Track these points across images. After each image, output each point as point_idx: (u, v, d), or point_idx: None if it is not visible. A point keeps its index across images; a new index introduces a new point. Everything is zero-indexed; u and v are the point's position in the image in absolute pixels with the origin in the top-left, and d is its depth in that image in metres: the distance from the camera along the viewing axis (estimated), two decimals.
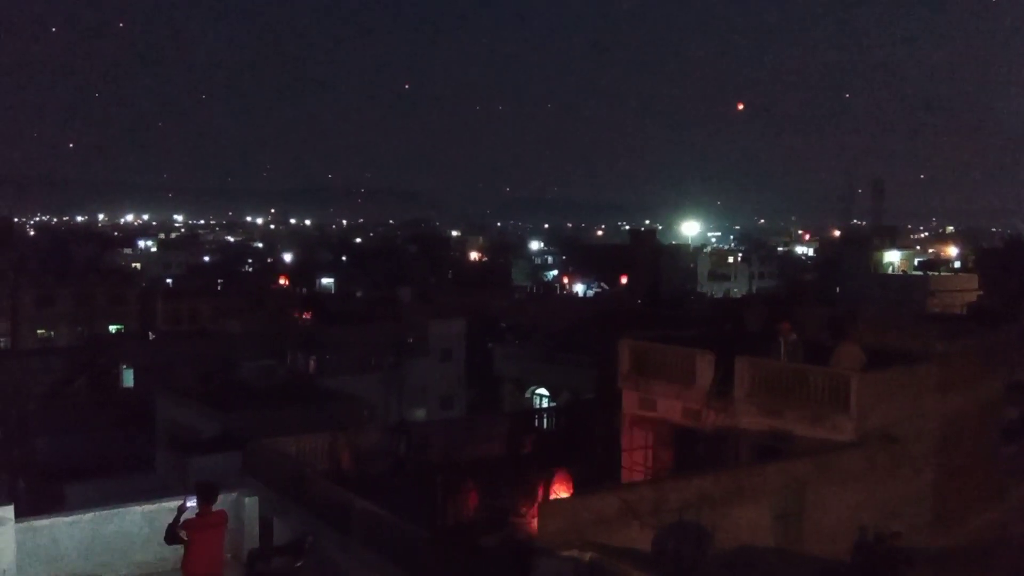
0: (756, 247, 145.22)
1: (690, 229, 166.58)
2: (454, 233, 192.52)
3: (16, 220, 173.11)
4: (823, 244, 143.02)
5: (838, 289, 78.56)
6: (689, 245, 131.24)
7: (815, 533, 14.97)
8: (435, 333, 48.84)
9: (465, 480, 16.96)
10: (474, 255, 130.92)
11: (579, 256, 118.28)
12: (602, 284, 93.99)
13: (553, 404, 37.83)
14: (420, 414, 42.92)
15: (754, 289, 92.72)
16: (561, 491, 16.11)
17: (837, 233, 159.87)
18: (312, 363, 45.41)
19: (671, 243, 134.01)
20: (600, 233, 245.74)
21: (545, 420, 24.49)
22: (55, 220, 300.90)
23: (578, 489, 15.68)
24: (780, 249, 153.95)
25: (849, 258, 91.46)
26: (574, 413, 24.37)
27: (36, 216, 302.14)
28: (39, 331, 60.66)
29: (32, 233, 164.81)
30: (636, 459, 19.44)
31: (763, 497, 14.49)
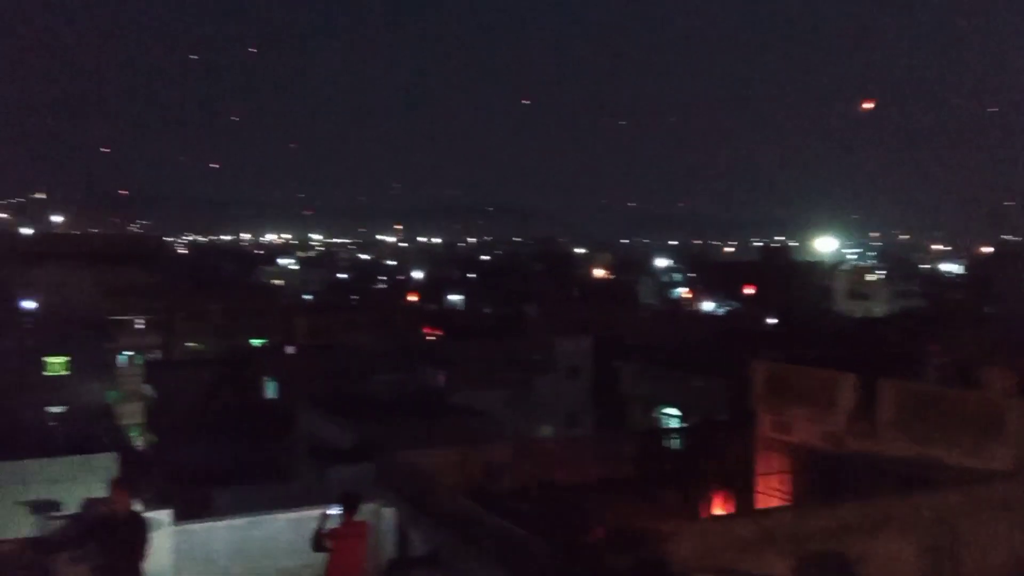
0: (897, 264, 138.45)
1: (825, 245, 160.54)
2: (579, 250, 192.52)
3: (167, 239, 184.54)
4: (973, 261, 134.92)
5: (989, 309, 73.88)
6: (824, 262, 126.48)
7: (966, 568, 14.09)
8: (561, 350, 48.92)
9: (594, 499, 16.89)
10: (600, 272, 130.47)
11: (708, 273, 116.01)
12: (732, 302, 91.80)
13: (683, 424, 37.15)
14: (546, 431, 43.01)
15: (896, 309, 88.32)
16: (730, 508, 15.78)
17: (986, 249, 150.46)
18: (441, 378, 46.32)
19: (805, 260, 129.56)
20: (730, 250, 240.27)
21: (674, 440, 24.09)
22: (203, 239, 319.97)
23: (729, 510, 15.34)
24: (923, 266, 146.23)
25: (1002, 276, 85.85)
26: (705, 434, 23.87)
27: (186, 235, 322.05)
28: (189, 344, 64.45)
29: (182, 251, 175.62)
30: (771, 484, 18.85)
31: (911, 529, 13.76)
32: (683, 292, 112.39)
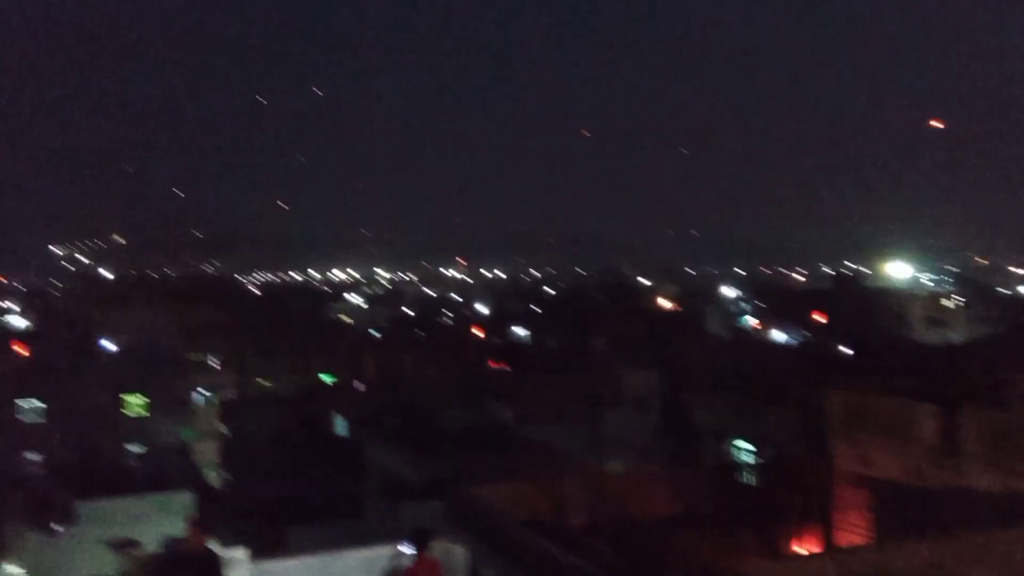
0: (976, 289, 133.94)
1: (899, 271, 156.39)
2: (644, 280, 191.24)
3: (240, 278, 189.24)
4: None
5: None
6: (899, 288, 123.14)
7: None
8: (629, 383, 48.42)
9: (668, 537, 16.59)
10: (666, 302, 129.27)
11: (777, 302, 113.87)
12: (804, 332, 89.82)
13: (757, 458, 36.32)
14: (616, 466, 42.48)
15: (976, 336, 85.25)
16: (809, 546, 15.37)
17: None
18: (508, 412, 46.23)
19: (879, 287, 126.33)
20: (800, 278, 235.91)
21: (748, 475, 23.57)
22: (274, 277, 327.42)
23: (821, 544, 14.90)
24: (1003, 291, 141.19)
25: None
26: (780, 468, 23.30)
27: (257, 274, 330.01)
28: (263, 381, 65.76)
29: (254, 290, 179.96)
30: (851, 519, 18.27)
31: (1004, 567, 13.15)
32: (752, 322, 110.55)
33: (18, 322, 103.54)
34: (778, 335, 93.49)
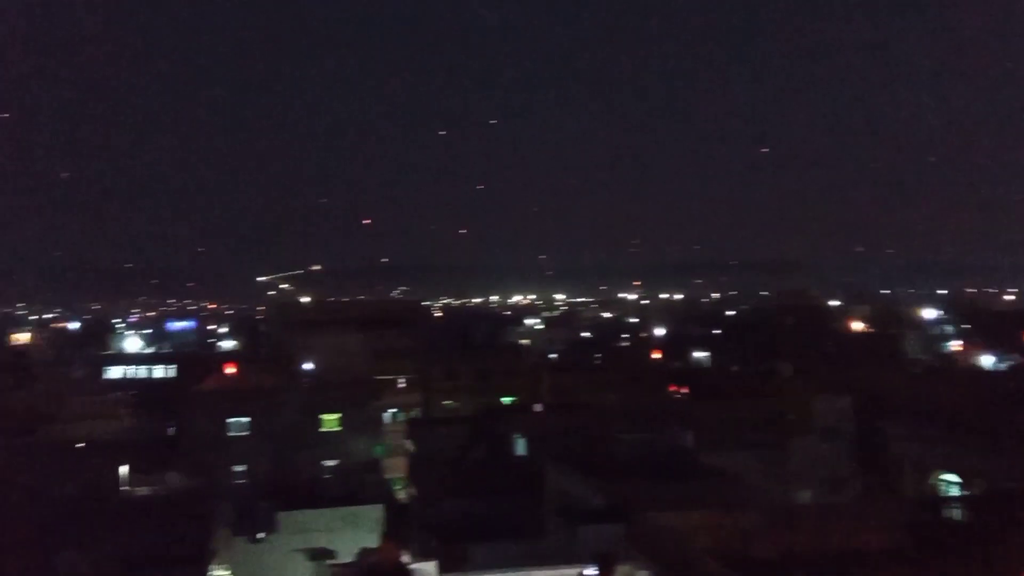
0: None
1: None
2: (834, 303, 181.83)
3: (425, 303, 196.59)
4: None
5: None
6: None
7: None
8: (819, 410, 46.12)
9: (861, 571, 15.57)
10: (858, 326, 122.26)
11: (985, 324, 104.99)
12: (1014, 355, 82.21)
13: (965, 492, 33.47)
14: (804, 497, 40.44)
15: None
16: None
17: None
18: (688, 438, 45.13)
19: None
20: (1009, 297, 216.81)
21: (955, 510, 21.75)
22: (456, 302, 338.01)
23: None
24: None
25: None
26: (995, 504, 21.34)
27: (441, 299, 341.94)
28: (446, 401, 67.77)
29: (438, 314, 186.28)
30: None
31: None
32: (955, 346, 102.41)
33: (227, 345, 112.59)
34: (985, 360, 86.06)
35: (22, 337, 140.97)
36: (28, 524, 33.27)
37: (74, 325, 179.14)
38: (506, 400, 65.83)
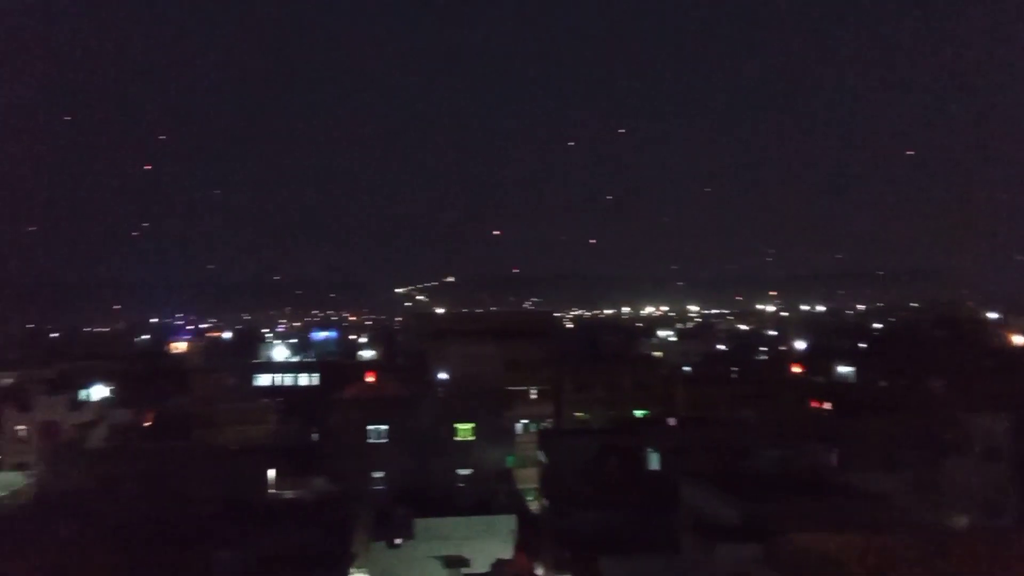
0: None
1: None
2: (992, 315, 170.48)
3: (556, 314, 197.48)
4: None
5: None
6: None
7: None
8: (976, 429, 43.19)
9: None
10: (1020, 339, 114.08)
11: None
12: None
13: None
14: (960, 521, 37.99)
15: None
16: None
17: None
18: (832, 456, 43.35)
19: None
20: None
21: None
22: (587, 313, 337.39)
23: None
24: None
25: None
26: None
27: (572, 310, 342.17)
28: (577, 413, 67.71)
29: (569, 325, 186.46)
30: None
31: None
32: None
33: (367, 354, 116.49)
34: None
35: (180, 346, 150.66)
36: (184, 524, 35.44)
37: (227, 334, 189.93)
38: (639, 413, 65.10)
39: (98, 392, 69.97)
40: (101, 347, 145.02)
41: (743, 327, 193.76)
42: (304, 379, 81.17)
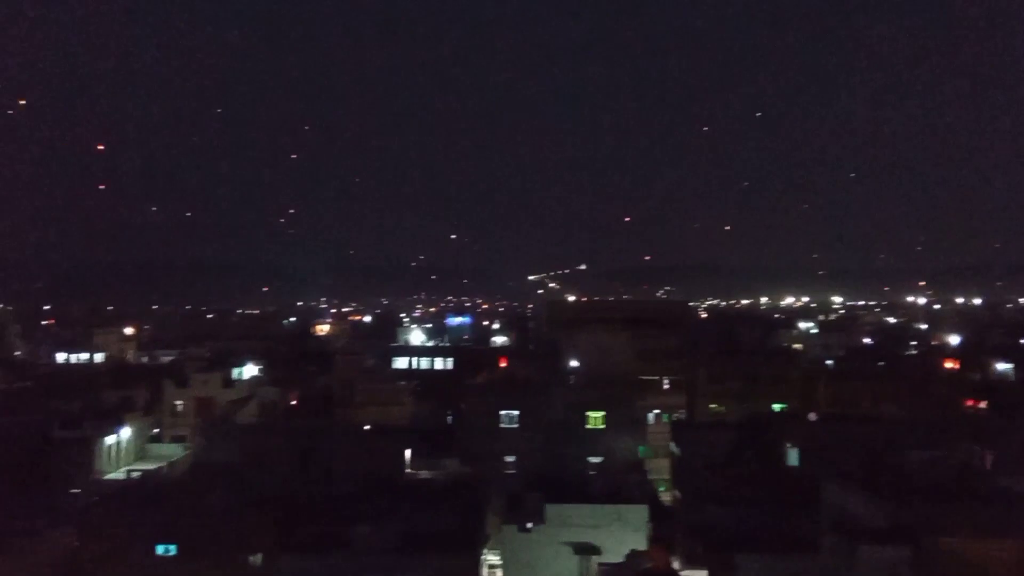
0: None
1: None
2: None
3: (690, 304, 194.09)
4: None
5: None
6: None
7: None
8: None
9: None
10: None
11: None
12: None
13: None
14: None
15: None
16: None
17: None
18: (987, 458, 40.68)
19: None
20: None
21: None
22: (723, 303, 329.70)
23: None
24: None
25: None
26: None
27: (707, 300, 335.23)
28: (711, 405, 66.37)
29: (704, 316, 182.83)
30: None
31: None
32: None
33: (499, 340, 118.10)
34: None
35: (323, 328, 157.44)
36: (327, 498, 37.05)
37: (367, 318, 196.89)
38: (777, 407, 63.22)
39: (249, 371, 74.05)
40: (252, 328, 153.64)
41: (891, 320, 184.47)
42: (439, 363, 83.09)
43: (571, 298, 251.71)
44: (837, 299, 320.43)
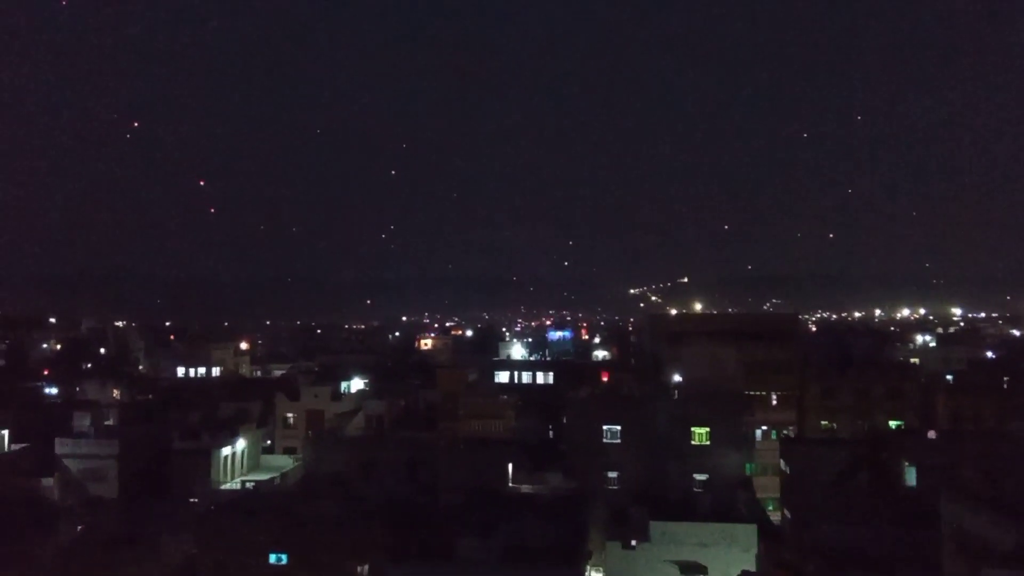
0: None
1: None
2: None
3: (800, 316, 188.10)
4: None
5: None
6: None
7: None
8: None
9: None
10: None
11: None
12: None
13: None
14: None
15: None
16: None
17: None
18: None
19: None
20: None
21: None
22: (834, 316, 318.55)
23: None
24: None
25: None
26: None
27: (817, 312, 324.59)
28: (822, 422, 64.06)
29: (813, 328, 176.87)
30: None
31: None
32: None
33: (600, 354, 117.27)
34: None
35: (427, 342, 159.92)
36: (432, 509, 37.50)
37: (468, 332, 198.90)
38: (893, 424, 60.53)
39: (356, 384, 75.80)
40: (359, 343, 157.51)
41: (1015, 332, 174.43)
42: (540, 377, 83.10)
43: (673, 311, 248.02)
44: (956, 310, 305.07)
